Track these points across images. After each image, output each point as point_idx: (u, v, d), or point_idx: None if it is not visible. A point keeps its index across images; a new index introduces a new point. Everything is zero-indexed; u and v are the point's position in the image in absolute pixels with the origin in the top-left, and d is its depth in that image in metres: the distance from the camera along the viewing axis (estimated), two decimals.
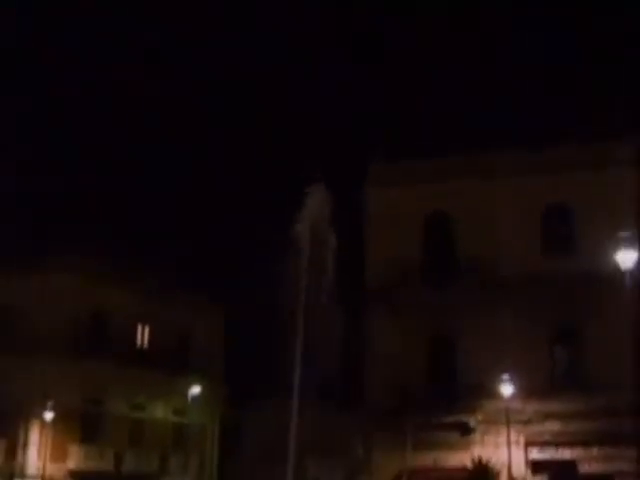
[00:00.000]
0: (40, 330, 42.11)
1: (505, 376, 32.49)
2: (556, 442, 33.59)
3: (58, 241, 44.19)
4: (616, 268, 18.86)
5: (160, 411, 47.44)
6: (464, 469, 33.45)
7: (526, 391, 32.90)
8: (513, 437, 32.82)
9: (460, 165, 36.74)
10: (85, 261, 43.76)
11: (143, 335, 48.40)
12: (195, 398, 46.22)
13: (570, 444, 33.15)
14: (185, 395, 45.97)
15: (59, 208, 77.59)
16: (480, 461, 33.60)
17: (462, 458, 33.84)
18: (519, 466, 33.58)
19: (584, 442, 32.69)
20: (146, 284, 46.01)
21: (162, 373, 45.85)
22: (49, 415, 40.03)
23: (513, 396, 32.63)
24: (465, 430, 35.09)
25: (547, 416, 33.63)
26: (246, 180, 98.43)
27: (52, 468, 41.20)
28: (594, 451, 32.54)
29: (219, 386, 50.23)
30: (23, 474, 41.97)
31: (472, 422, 35.01)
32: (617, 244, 18.91)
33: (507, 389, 32.59)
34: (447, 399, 34.70)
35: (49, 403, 39.70)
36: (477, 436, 34.93)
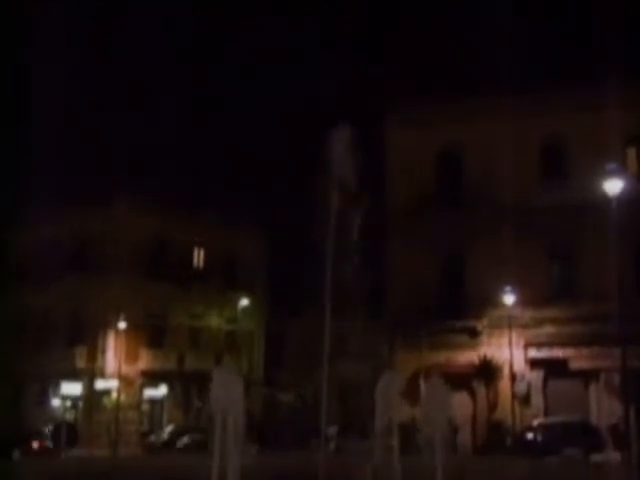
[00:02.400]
0: (113, 256, 42.91)
1: (508, 287, 32.75)
2: (551, 343, 33.97)
3: (127, 179, 44.81)
4: (604, 195, 18.81)
5: (214, 320, 48.18)
6: (472, 366, 34.03)
7: (526, 300, 33.18)
8: (514, 339, 33.19)
9: (468, 107, 36.30)
10: (148, 198, 44.03)
11: (199, 257, 49.00)
12: (244, 309, 47.03)
13: (563, 344, 33.52)
14: (235, 307, 46.76)
15: (129, 148, 77.78)
16: (485, 359, 34.14)
17: (470, 357, 34.37)
18: (519, 363, 34.07)
19: (575, 343, 33.06)
20: (200, 214, 46.35)
21: (215, 289, 46.58)
22: (122, 325, 41.00)
23: (514, 304, 32.92)
24: (473, 333, 35.51)
25: (543, 321, 33.98)
26: (278, 121, 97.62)
27: (126, 369, 42.28)
28: (583, 350, 32.90)
29: (264, 299, 50.93)
30: (103, 374, 43.24)
31: (479, 327, 35.38)
32: (605, 174, 18.82)
33: (509, 298, 32.88)
34: (458, 307, 35.07)
35: (121, 315, 40.65)
36: (483, 339, 35.35)
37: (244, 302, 46.66)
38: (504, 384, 33.92)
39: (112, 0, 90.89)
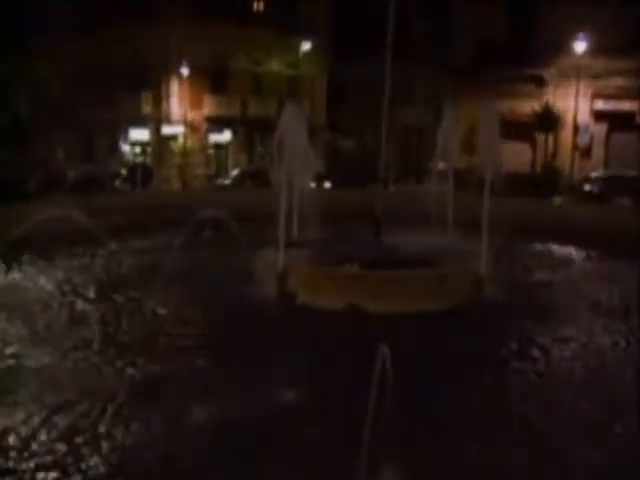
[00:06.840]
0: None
1: (580, 34, 31.92)
2: (619, 95, 33.63)
3: None
4: None
5: (275, 65, 48.16)
6: (535, 115, 34.24)
7: (597, 49, 32.41)
8: (581, 90, 32.97)
9: None
10: None
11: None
12: (306, 54, 46.84)
13: (631, 97, 33.17)
14: (297, 52, 46.58)
15: None
16: (547, 106, 34.21)
17: (535, 107, 34.48)
18: (584, 115, 34.16)
19: None
20: None
21: (276, 33, 45.97)
22: (185, 70, 41.68)
23: (585, 53, 32.27)
24: (540, 82, 35.28)
25: (614, 72, 33.37)
26: None
27: (191, 114, 43.65)
28: None
29: (326, 44, 50.21)
30: (169, 120, 44.73)
31: (547, 75, 35.03)
32: None
33: (581, 46, 32.21)
34: (526, 54, 34.48)
35: (184, 61, 41.17)
36: (550, 88, 35.17)
37: (306, 47, 46.31)
38: (566, 135, 34.33)
39: None
